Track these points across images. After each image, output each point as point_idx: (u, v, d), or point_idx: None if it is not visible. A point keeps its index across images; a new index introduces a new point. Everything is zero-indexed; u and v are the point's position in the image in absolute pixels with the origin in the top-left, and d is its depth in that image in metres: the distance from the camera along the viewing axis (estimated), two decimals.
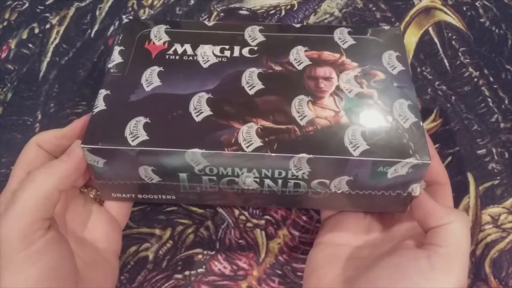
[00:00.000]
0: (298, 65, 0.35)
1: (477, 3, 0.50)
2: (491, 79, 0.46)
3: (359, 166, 0.30)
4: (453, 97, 0.45)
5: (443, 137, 0.43)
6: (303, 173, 0.31)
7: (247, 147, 0.30)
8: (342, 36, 0.37)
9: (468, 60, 0.47)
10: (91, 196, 0.35)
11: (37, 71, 0.47)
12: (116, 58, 0.35)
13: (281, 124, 0.31)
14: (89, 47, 0.48)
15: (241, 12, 0.50)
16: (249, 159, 0.30)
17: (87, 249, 0.32)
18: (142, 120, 0.31)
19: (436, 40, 0.48)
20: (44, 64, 0.47)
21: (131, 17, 0.49)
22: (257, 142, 0.30)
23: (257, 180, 0.32)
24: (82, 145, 0.30)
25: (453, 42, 0.48)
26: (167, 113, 0.32)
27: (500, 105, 0.44)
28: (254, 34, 0.37)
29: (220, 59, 0.35)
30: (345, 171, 0.30)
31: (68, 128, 0.32)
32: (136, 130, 0.31)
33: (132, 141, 0.30)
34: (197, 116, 0.31)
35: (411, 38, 0.48)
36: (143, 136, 0.30)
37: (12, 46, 0.48)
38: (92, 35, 0.49)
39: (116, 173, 0.32)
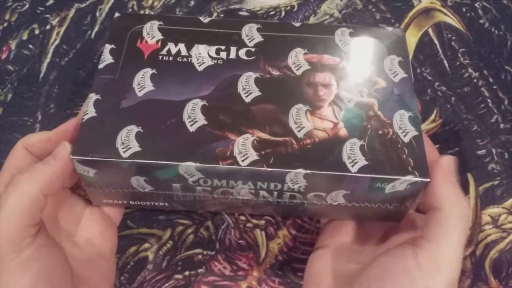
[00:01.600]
0: (297, 69, 0.34)
1: (476, 4, 0.51)
2: (491, 80, 0.46)
3: (357, 182, 0.29)
4: (453, 98, 0.45)
5: (443, 138, 0.43)
6: (299, 186, 0.30)
7: (242, 160, 0.29)
8: (343, 38, 0.36)
9: (467, 61, 0.47)
10: (83, 195, 0.35)
11: (38, 72, 0.47)
12: (106, 58, 0.34)
13: (278, 136, 0.30)
14: (89, 48, 0.48)
15: (241, 13, 0.50)
16: (245, 173, 0.29)
17: (82, 249, 0.32)
18: (134, 129, 0.30)
19: (435, 41, 0.48)
20: (44, 65, 0.47)
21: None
22: (253, 156, 0.29)
23: (252, 191, 0.31)
24: (72, 156, 0.29)
25: (453, 43, 0.48)
26: (160, 122, 0.31)
27: (499, 105, 0.44)
28: (251, 34, 0.36)
29: (215, 61, 0.34)
30: (342, 186, 0.30)
31: (54, 132, 0.31)
32: (128, 141, 0.30)
33: (124, 152, 0.29)
34: (191, 125, 0.31)
35: (411, 39, 0.48)
36: (135, 147, 0.29)
37: (13, 47, 0.48)
38: (92, 36, 0.49)
39: (107, 182, 0.31)
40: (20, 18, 0.50)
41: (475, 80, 0.46)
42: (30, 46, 0.48)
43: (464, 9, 0.50)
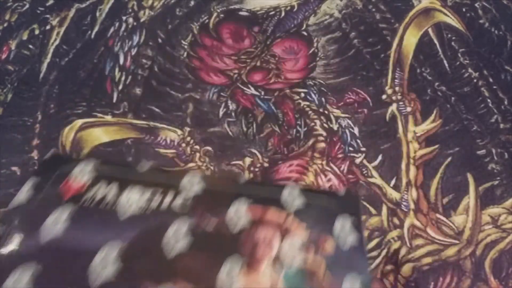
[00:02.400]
0: (236, 224, 0.29)
1: (476, 4, 0.51)
2: (491, 80, 0.46)
3: None
4: (452, 98, 0.45)
5: (443, 138, 0.43)
6: None
7: None
8: (292, 196, 0.31)
9: (467, 61, 0.47)
10: None
11: (38, 72, 0.47)
12: (26, 190, 0.30)
13: None
14: (89, 48, 0.48)
15: (241, 13, 0.50)
16: None
17: None
18: (29, 270, 0.26)
19: (435, 41, 0.48)
20: (45, 65, 0.47)
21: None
22: None
23: None
24: None
25: (453, 43, 0.48)
26: (62, 271, 0.26)
27: (499, 105, 0.44)
28: (192, 183, 0.31)
29: (144, 210, 0.29)
30: None
31: None
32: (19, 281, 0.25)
33: None
34: (100, 274, 0.26)
35: (411, 39, 0.48)
36: None
37: (13, 47, 0.48)
38: (92, 36, 0.49)
39: None
40: (20, 18, 0.50)
41: (475, 80, 0.46)
42: (30, 46, 0.48)
43: (464, 9, 0.50)
